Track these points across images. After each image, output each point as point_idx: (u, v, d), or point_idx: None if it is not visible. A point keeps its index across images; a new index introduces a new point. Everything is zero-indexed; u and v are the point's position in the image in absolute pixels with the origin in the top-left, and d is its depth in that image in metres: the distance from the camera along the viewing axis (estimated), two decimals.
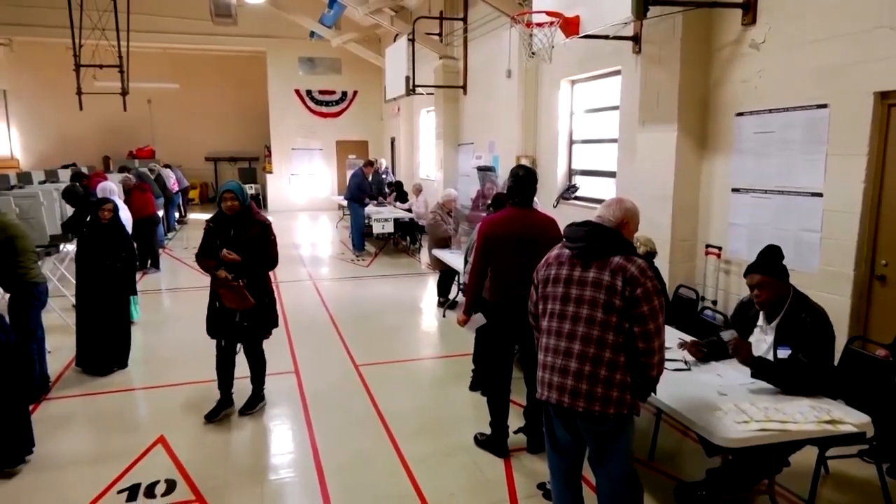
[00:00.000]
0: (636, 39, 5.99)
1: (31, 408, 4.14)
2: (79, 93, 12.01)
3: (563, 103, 7.96)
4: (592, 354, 2.46)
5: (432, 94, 11.81)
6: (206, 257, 4.22)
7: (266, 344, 4.53)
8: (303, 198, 18.03)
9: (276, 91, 17.35)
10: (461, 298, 7.68)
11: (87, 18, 11.57)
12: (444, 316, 7.08)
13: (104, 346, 5.23)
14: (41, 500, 3.38)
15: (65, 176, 10.60)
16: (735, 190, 5.00)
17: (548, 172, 8.19)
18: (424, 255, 10.33)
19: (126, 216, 6.64)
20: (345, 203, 12.24)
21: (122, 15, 11.84)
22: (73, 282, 5.67)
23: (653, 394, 2.63)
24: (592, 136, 7.65)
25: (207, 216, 4.77)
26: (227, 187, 4.13)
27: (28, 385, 4.32)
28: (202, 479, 3.58)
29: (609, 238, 2.54)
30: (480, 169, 8.80)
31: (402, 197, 12.51)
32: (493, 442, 3.88)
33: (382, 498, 3.45)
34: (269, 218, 4.60)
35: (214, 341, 4.39)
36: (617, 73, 6.69)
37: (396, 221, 10.86)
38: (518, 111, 8.60)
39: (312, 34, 15.40)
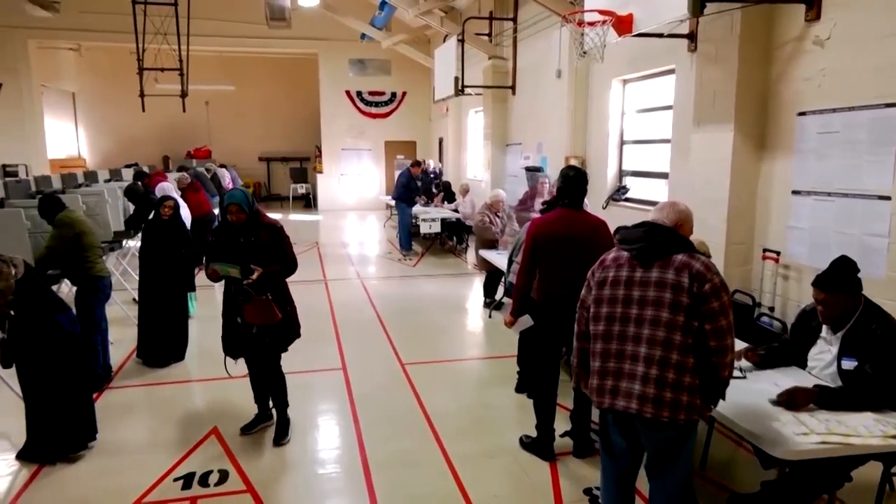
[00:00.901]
0: (691, 37, 5.84)
1: (94, 396, 4.34)
2: (141, 95, 12.51)
3: (614, 103, 7.82)
4: (659, 357, 2.38)
5: (481, 94, 11.80)
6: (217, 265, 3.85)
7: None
8: (352, 197, 18.29)
9: (327, 92, 17.66)
10: (507, 299, 7.67)
11: (150, 24, 12.04)
12: (489, 317, 7.06)
13: (163, 340, 5.44)
14: (103, 485, 3.54)
15: (127, 175, 11.08)
16: (795, 192, 4.81)
17: (597, 173, 8.07)
18: (471, 256, 10.34)
19: (185, 214, 6.88)
20: (392, 203, 12.36)
21: (183, 20, 12.27)
22: (135, 276, 5.91)
23: (721, 399, 2.52)
24: (644, 137, 7.50)
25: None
26: (231, 200, 3.79)
27: (92, 374, 4.55)
28: (253, 470, 3.68)
29: (669, 236, 2.48)
30: (528, 169, 8.75)
31: (449, 197, 12.55)
32: (539, 445, 3.85)
33: (427, 496, 3.47)
34: (276, 219, 4.56)
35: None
36: (670, 71, 6.53)
37: (443, 221, 10.90)
38: (567, 111, 8.50)
39: (363, 36, 15.61)
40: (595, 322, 2.60)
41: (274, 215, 16.56)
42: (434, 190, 12.94)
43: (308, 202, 19.51)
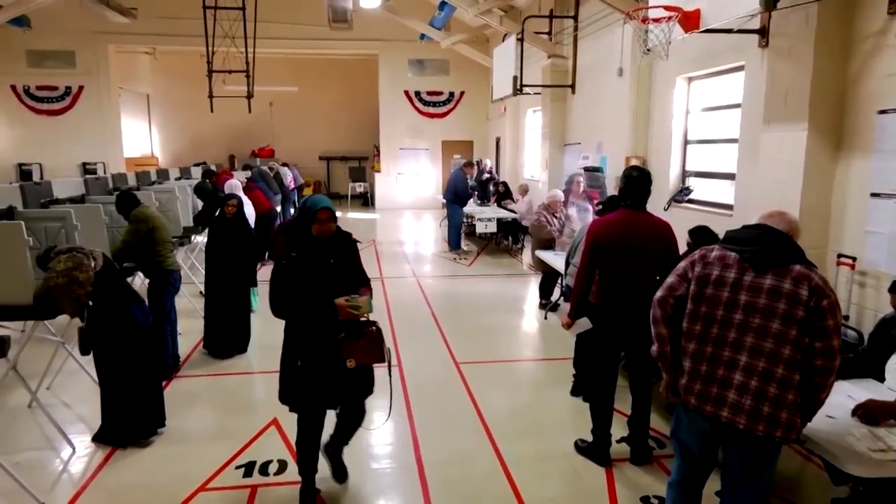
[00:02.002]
0: (762, 32, 5.60)
1: (163, 384, 4.54)
2: (210, 96, 13.02)
3: (679, 102, 7.59)
4: (762, 369, 2.27)
5: (539, 93, 11.69)
6: (295, 301, 3.00)
7: None
8: (408, 196, 18.47)
9: (386, 92, 17.90)
10: (564, 301, 7.57)
11: (220, 27, 12.52)
12: (545, 318, 6.99)
13: (227, 332, 5.64)
14: (170, 470, 3.71)
15: (196, 173, 11.55)
16: (875, 195, 4.54)
17: (659, 174, 7.85)
18: (526, 256, 10.27)
19: (249, 211, 7.12)
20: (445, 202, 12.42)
21: (250, 23, 12.70)
22: (202, 271, 6.15)
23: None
24: (710, 136, 7.25)
25: None
26: (321, 204, 3.04)
27: (162, 364, 4.76)
28: None
29: (786, 243, 2.34)
30: (587, 169, 8.61)
31: (505, 197, 12.48)
32: (595, 449, 3.79)
33: (480, 497, 3.47)
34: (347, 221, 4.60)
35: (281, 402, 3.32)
36: (740, 68, 6.29)
37: (499, 221, 10.86)
38: (629, 110, 8.31)
39: (423, 36, 15.74)
40: (691, 320, 2.46)
41: None
42: (490, 189, 12.91)
43: (366, 201, 19.83)
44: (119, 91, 17.00)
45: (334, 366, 3.06)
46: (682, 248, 5.27)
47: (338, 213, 3.15)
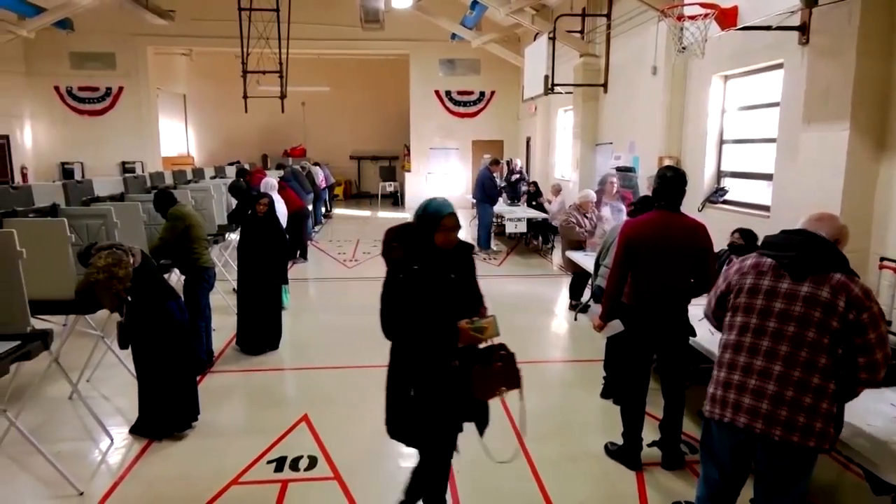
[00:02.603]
0: (803, 29, 5.46)
1: (198, 379, 4.64)
2: (245, 97, 13.25)
3: (714, 100, 7.45)
4: (797, 378, 2.21)
5: (571, 92, 11.59)
6: (414, 321, 2.64)
7: None
8: (438, 195, 18.47)
9: (416, 92, 17.96)
10: (594, 302, 7.50)
11: (254, 28, 12.74)
12: (575, 319, 6.93)
13: (259, 329, 5.73)
14: (204, 463, 3.78)
15: (231, 172, 11.76)
16: None
17: (693, 174, 7.70)
18: (556, 257, 10.19)
19: (281, 210, 7.22)
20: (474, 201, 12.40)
21: (283, 24, 12.89)
22: (235, 268, 6.26)
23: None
24: (746, 136, 7.10)
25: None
26: (448, 209, 2.66)
27: (196, 359, 4.86)
28: (340, 458, 3.81)
29: (828, 250, 2.27)
30: (619, 169, 8.51)
31: (536, 197, 12.41)
32: (625, 453, 3.74)
33: (509, 497, 3.47)
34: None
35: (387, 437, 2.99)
36: (778, 66, 6.14)
37: (529, 221, 10.80)
38: (663, 109, 8.19)
39: (454, 36, 15.76)
40: (728, 331, 2.44)
41: (363, 213, 17.02)
42: (520, 189, 12.86)
43: (396, 200, 19.94)
44: (157, 92, 17.42)
45: (455, 396, 2.66)
46: (717, 249, 5.19)
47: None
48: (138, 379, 4.04)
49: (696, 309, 4.04)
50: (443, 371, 2.62)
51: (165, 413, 4.01)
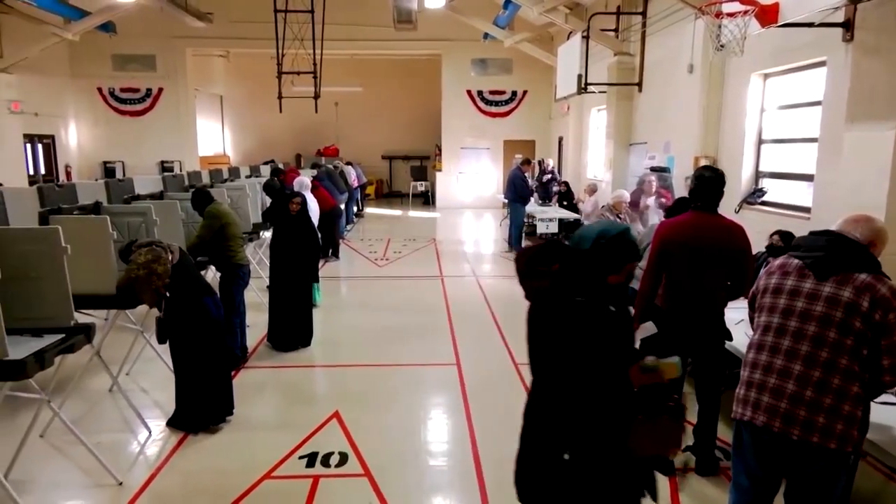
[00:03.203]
0: (847, 26, 5.29)
1: (232, 374, 4.73)
2: (279, 97, 13.45)
3: (753, 99, 7.28)
4: (817, 379, 2.19)
5: (604, 92, 11.46)
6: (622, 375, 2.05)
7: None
8: (469, 195, 18.50)
9: (448, 92, 17.99)
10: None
11: (289, 30, 12.92)
12: None
13: (291, 326, 5.81)
14: (238, 457, 3.86)
15: (265, 171, 11.96)
16: None
17: (730, 174, 7.48)
18: None
19: (313, 208, 7.31)
20: (505, 201, 12.36)
21: (318, 26, 13.04)
22: (269, 266, 6.36)
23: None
24: (786, 136, 6.92)
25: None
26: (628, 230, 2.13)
27: (231, 354, 4.96)
28: (370, 455, 3.83)
29: (854, 251, 2.24)
30: (654, 170, 8.39)
31: (567, 197, 12.31)
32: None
33: None
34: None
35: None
36: (821, 64, 5.97)
37: (561, 221, 10.71)
38: (699, 108, 8.04)
39: (486, 35, 15.72)
40: (754, 331, 2.46)
41: (394, 212, 17.11)
42: (552, 189, 12.77)
43: (427, 199, 20.00)
44: (195, 92, 17.81)
45: (617, 460, 2.03)
46: (755, 251, 5.06)
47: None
48: (175, 373, 4.14)
49: (733, 312, 3.96)
50: (609, 427, 2.02)
51: (201, 407, 4.10)
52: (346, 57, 18.69)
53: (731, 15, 4.83)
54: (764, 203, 7.12)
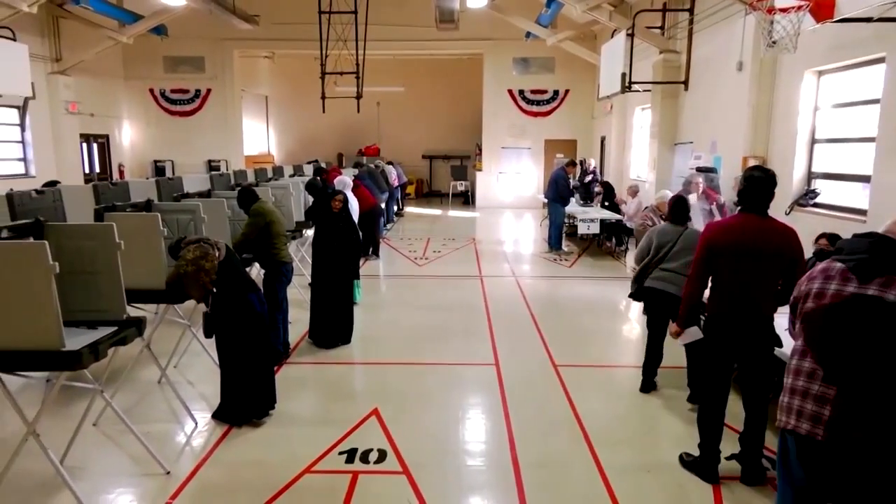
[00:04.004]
0: None
1: (275, 369, 4.82)
2: (323, 97, 13.66)
3: (806, 97, 7.04)
4: None
5: (649, 90, 11.26)
6: None
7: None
8: (509, 195, 18.43)
9: (489, 91, 17.94)
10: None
11: (333, 31, 13.10)
12: None
13: (332, 323, 5.89)
14: (280, 450, 3.93)
15: (308, 170, 12.14)
16: None
17: (781, 175, 7.23)
18: (630, 259, 9.92)
19: (354, 207, 7.39)
20: (545, 201, 12.26)
21: (361, 26, 13.18)
22: (310, 263, 6.46)
23: None
24: (841, 135, 6.66)
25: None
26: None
27: (274, 350, 5.05)
28: (409, 453, 3.86)
29: None
30: (700, 170, 8.19)
31: (608, 198, 12.13)
32: (702, 465, 3.60)
33: (577, 501, 3.40)
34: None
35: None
36: (879, 60, 5.73)
37: (602, 222, 10.57)
38: (748, 107, 7.82)
39: (528, 34, 15.62)
40: (797, 337, 2.39)
41: (434, 211, 17.16)
42: (594, 190, 12.60)
43: (466, 199, 20.00)
44: (241, 93, 18.24)
45: None
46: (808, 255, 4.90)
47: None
48: (220, 367, 4.25)
49: (784, 318, 3.84)
50: None
51: (245, 401, 4.19)
52: (388, 57, 18.85)
53: (784, 10, 4.69)
54: (816, 205, 6.88)
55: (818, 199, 6.90)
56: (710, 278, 3.52)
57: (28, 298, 2.91)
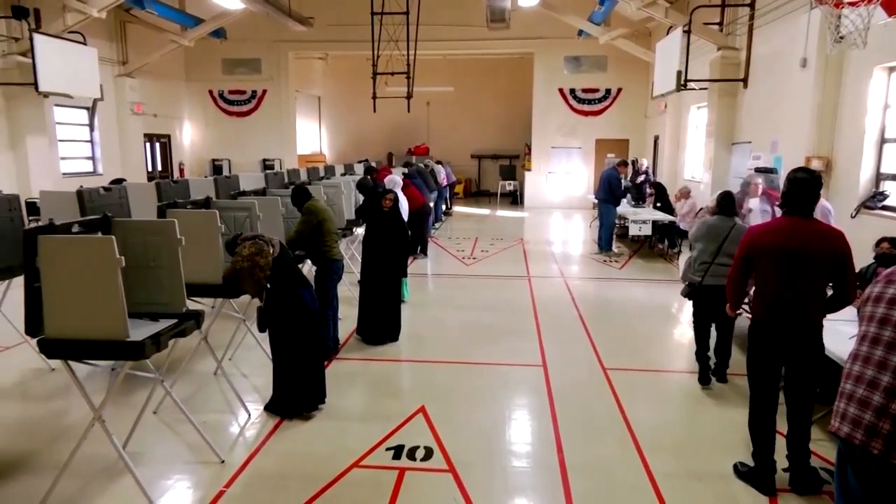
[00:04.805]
0: None
1: (325, 364, 4.91)
2: (374, 97, 13.83)
3: (875, 95, 6.70)
4: None
5: (706, 88, 10.93)
6: None
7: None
8: (558, 195, 18.23)
9: (540, 90, 17.79)
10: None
11: (385, 32, 13.25)
12: None
13: (380, 320, 5.96)
14: (329, 444, 4.01)
15: (359, 169, 12.33)
16: None
17: (847, 176, 7.01)
18: (683, 262, 9.66)
19: (404, 206, 7.45)
20: (596, 201, 12.06)
21: (412, 27, 13.29)
22: (360, 261, 6.56)
23: None
24: None
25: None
26: None
27: (324, 345, 5.15)
28: (455, 452, 3.87)
29: None
30: (759, 170, 7.92)
31: (660, 198, 11.84)
32: (757, 476, 3.48)
33: None
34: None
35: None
36: None
37: (654, 224, 10.34)
38: (812, 105, 7.49)
39: (580, 33, 15.41)
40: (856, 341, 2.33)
41: (482, 211, 17.14)
42: (646, 190, 12.33)
43: (515, 199, 19.89)
44: (295, 94, 18.66)
45: None
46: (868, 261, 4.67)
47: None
48: (273, 361, 4.37)
49: (844, 325, 3.68)
50: None
51: (296, 394, 4.29)
52: (438, 57, 18.93)
53: (852, 4, 4.48)
54: (885, 208, 6.54)
55: (888, 202, 6.56)
56: (754, 283, 3.47)
57: (96, 290, 3.06)
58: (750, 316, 3.61)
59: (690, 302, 6.92)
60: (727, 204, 4.90)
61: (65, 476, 3.24)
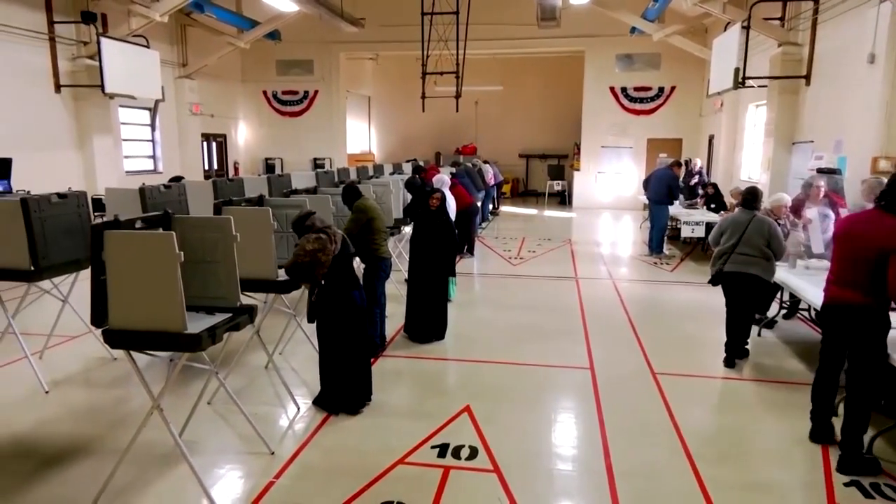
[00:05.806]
0: None
1: (371, 361, 4.98)
2: (423, 97, 13.92)
3: None
4: None
5: (765, 86, 10.54)
6: None
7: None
8: (608, 196, 17.93)
9: (590, 89, 17.52)
10: (783, 318, 6.77)
11: (434, 32, 13.31)
12: (759, 335, 6.31)
13: (427, 319, 5.99)
14: (375, 440, 4.06)
15: (407, 168, 12.43)
16: None
17: None
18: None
19: (452, 205, 7.47)
20: (646, 202, 11.80)
21: (462, 27, 13.30)
22: (407, 259, 6.62)
23: None
24: None
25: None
26: None
27: (371, 342, 5.22)
28: (500, 452, 3.86)
29: None
30: (821, 171, 7.59)
31: (715, 200, 11.48)
32: (814, 426, 3.76)
33: None
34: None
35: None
36: None
37: (708, 225, 10.03)
38: (881, 103, 7.12)
39: (633, 30, 15.10)
40: None
41: (529, 211, 17.05)
42: (699, 191, 11.99)
43: (563, 199, 19.66)
44: (346, 94, 18.95)
45: None
46: None
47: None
48: (320, 357, 4.44)
49: None
50: None
51: (344, 390, 4.36)
52: (487, 56, 18.89)
53: None
54: None
55: None
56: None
57: (156, 284, 3.18)
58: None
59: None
60: (751, 198, 5.38)
61: (125, 461, 3.38)
